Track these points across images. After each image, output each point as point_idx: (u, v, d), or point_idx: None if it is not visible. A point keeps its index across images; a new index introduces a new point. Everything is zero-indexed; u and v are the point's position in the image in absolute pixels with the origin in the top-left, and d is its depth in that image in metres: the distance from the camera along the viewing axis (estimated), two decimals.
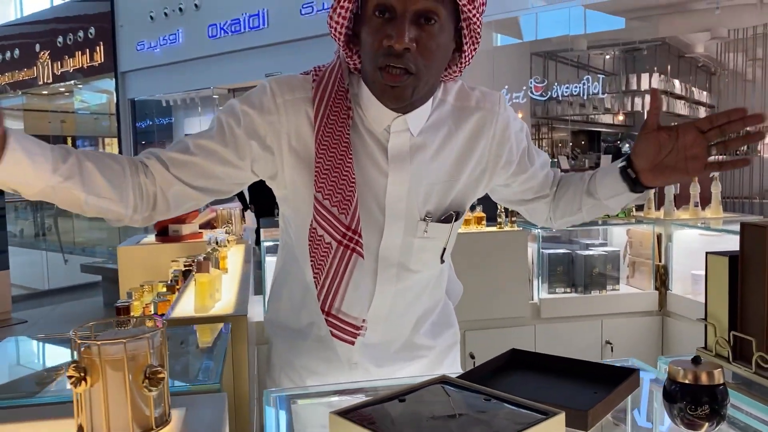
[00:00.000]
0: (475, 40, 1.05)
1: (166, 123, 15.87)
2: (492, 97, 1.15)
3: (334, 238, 1.03)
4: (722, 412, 0.78)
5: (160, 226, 2.82)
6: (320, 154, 1.04)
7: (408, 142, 1.08)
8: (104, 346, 0.76)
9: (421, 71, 0.99)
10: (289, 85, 1.08)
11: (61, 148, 0.96)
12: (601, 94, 11.79)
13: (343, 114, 1.05)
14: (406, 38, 0.94)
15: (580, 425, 0.79)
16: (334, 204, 1.03)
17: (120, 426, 0.78)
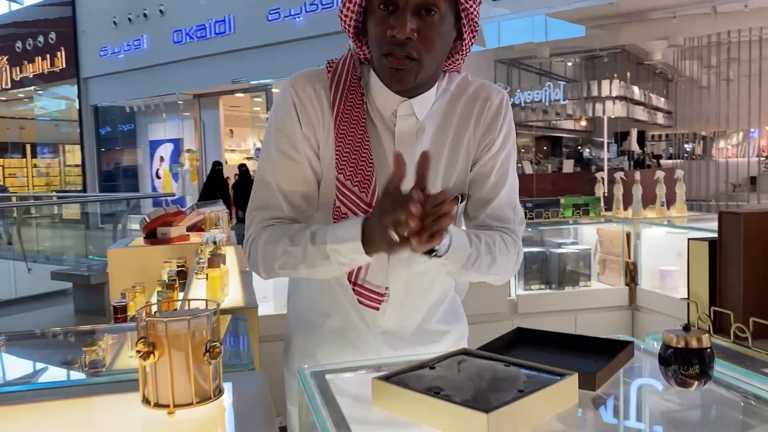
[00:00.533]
0: (473, 29, 1.15)
1: (130, 129, 15.68)
2: (490, 89, 1.23)
3: (357, 215, 1.12)
4: (710, 372, 0.90)
5: (148, 229, 2.87)
6: (339, 138, 1.14)
7: (414, 126, 1.18)
8: (170, 323, 0.85)
9: (423, 58, 1.08)
10: (306, 78, 1.18)
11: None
12: (563, 101, 12.06)
13: (358, 100, 1.16)
14: (407, 28, 1.04)
15: (589, 386, 0.90)
16: (356, 183, 1.13)
17: (183, 396, 0.86)
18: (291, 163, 1.17)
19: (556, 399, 0.84)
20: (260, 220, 1.18)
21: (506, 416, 0.76)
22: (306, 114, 1.16)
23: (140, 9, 13.63)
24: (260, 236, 1.16)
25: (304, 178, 1.18)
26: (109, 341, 1.67)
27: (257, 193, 1.20)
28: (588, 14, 9.85)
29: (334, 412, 0.86)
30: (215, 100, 13.81)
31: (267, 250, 1.14)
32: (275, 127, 1.19)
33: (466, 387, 0.85)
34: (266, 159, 1.20)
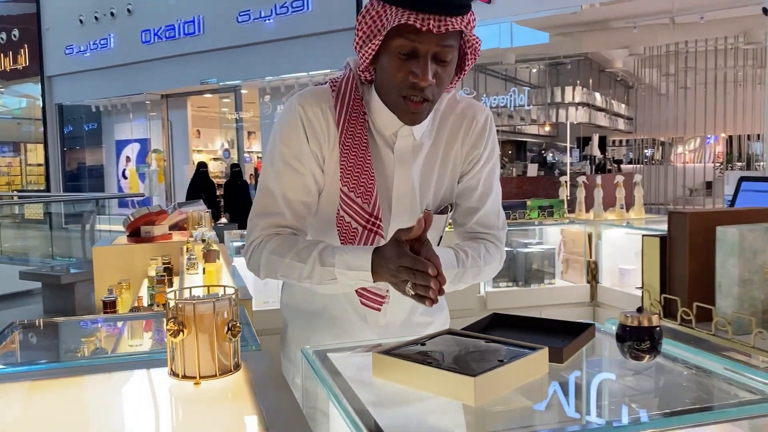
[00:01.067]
0: (475, 57, 1.27)
1: (95, 129, 15.49)
2: (477, 108, 1.38)
3: (360, 224, 1.26)
4: (658, 347, 1.06)
5: (132, 228, 2.95)
6: (344, 153, 1.26)
7: (411, 144, 1.31)
8: (198, 304, 0.97)
9: (435, 97, 1.22)
10: (314, 97, 1.29)
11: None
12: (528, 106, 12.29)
13: (361, 119, 1.28)
14: (429, 77, 1.16)
15: (558, 359, 1.05)
16: (358, 195, 1.25)
17: (207, 369, 0.98)
18: (296, 174, 1.28)
19: (530, 368, 0.99)
20: (264, 227, 1.28)
21: (490, 380, 0.91)
22: (313, 131, 1.27)
23: (107, 8, 13.49)
24: (266, 245, 1.25)
25: (307, 189, 1.29)
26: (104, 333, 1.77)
27: (260, 201, 1.30)
28: (552, 22, 10.12)
29: (339, 381, 0.99)
30: (183, 101, 13.74)
31: (272, 260, 1.25)
32: (282, 141, 1.29)
33: (454, 358, 0.99)
34: (271, 170, 1.30)
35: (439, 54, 1.17)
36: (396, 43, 1.17)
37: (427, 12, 1.13)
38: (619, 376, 1.07)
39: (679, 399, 0.99)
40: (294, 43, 10.55)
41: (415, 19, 1.12)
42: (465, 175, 1.38)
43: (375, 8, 1.19)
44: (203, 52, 12.00)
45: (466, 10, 1.17)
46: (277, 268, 1.25)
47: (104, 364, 1.14)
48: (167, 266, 2.53)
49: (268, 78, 11.39)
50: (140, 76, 13.20)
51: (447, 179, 1.37)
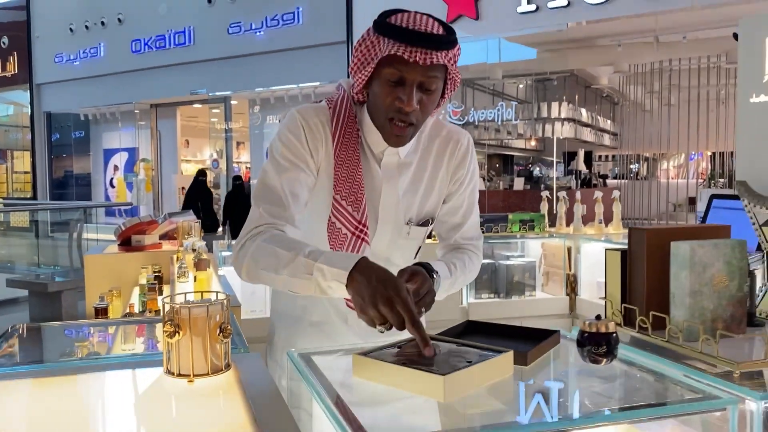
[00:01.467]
0: (455, 87, 1.40)
1: (83, 137, 15.49)
2: (459, 133, 1.52)
3: (349, 230, 1.38)
4: (615, 351, 1.15)
5: (123, 237, 3.02)
6: (338, 165, 1.39)
7: (396, 162, 1.44)
8: (193, 308, 1.06)
9: (419, 122, 1.36)
10: (313, 111, 1.42)
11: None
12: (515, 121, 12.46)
13: (354, 135, 1.41)
14: (414, 103, 1.29)
15: (522, 362, 1.15)
16: (349, 203, 1.38)
17: (200, 368, 1.07)
18: (296, 170, 1.38)
19: (496, 369, 1.08)
20: (262, 220, 1.34)
21: (458, 379, 1.00)
22: (313, 137, 1.39)
23: (98, 17, 13.55)
24: (257, 237, 1.32)
25: (305, 184, 1.39)
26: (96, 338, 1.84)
27: (261, 194, 1.38)
28: (538, 39, 10.28)
29: (323, 381, 1.08)
30: (172, 111, 13.80)
31: (261, 248, 1.28)
32: (283, 143, 1.39)
33: (427, 360, 1.08)
34: (272, 167, 1.39)
35: (424, 83, 1.30)
36: (386, 71, 1.29)
37: (414, 46, 1.25)
38: (579, 378, 1.17)
39: (630, 397, 1.08)
40: (284, 56, 10.67)
41: (403, 51, 1.25)
42: (451, 195, 1.52)
43: (370, 38, 1.32)
44: (193, 62, 12.09)
45: (451, 45, 1.29)
46: (260, 258, 1.28)
47: (101, 364, 1.22)
48: (158, 275, 2.61)
49: (257, 89, 11.49)
50: (130, 85, 13.25)
51: (433, 195, 1.50)
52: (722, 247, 1.25)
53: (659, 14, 8.33)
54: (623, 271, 1.36)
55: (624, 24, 9.35)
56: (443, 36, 1.28)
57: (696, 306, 1.23)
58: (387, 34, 1.28)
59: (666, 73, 12.28)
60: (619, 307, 1.36)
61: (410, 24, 1.27)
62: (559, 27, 9.09)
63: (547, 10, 8.51)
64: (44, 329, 1.67)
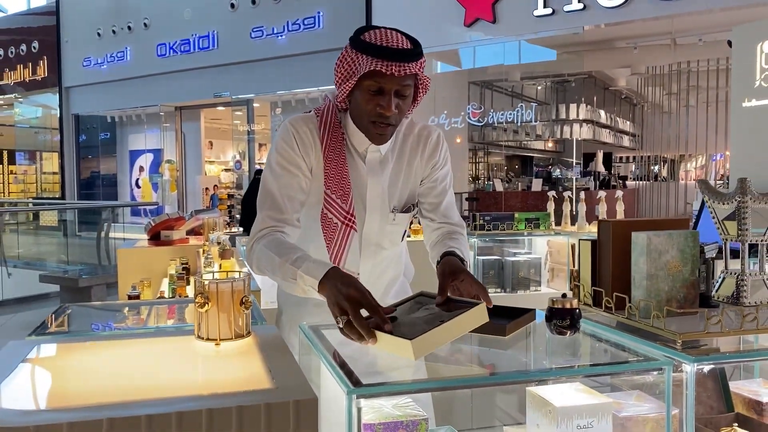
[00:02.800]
0: (425, 90, 1.63)
1: (110, 139, 15.88)
2: (430, 129, 1.75)
3: (339, 220, 1.60)
4: (577, 325, 1.35)
5: (152, 232, 3.26)
6: (327, 163, 1.62)
7: (379, 158, 1.68)
8: (219, 283, 1.27)
9: (397, 122, 1.60)
10: (302, 120, 1.66)
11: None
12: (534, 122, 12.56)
13: (340, 138, 1.64)
14: (393, 109, 1.53)
15: (501, 333, 1.35)
16: (339, 197, 1.61)
17: (225, 334, 1.28)
18: (291, 176, 1.62)
19: (469, 322, 1.27)
20: (266, 221, 1.58)
21: (424, 341, 1.19)
22: (303, 144, 1.63)
23: (124, 21, 13.88)
24: (263, 239, 1.56)
25: (300, 188, 1.63)
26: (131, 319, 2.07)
27: (263, 200, 1.62)
28: (555, 42, 10.39)
29: (327, 345, 1.29)
30: (196, 113, 14.10)
31: (262, 252, 1.54)
32: (278, 152, 1.63)
33: (409, 322, 1.28)
34: (270, 175, 1.63)
35: (399, 90, 1.53)
36: (366, 83, 1.52)
37: (390, 60, 1.48)
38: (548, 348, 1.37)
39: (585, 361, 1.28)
40: (305, 59, 10.90)
41: (381, 65, 1.48)
42: (426, 179, 1.75)
43: (350, 55, 1.55)
44: (217, 66, 12.34)
45: (419, 56, 1.53)
46: (261, 260, 1.54)
47: (143, 331, 1.44)
48: (185, 266, 2.84)
49: (279, 92, 11.74)
50: (155, 88, 13.56)
51: (411, 184, 1.74)
52: (676, 237, 1.43)
53: (675, 16, 8.40)
54: (593, 258, 1.55)
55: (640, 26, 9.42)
56: (412, 49, 1.51)
57: (652, 288, 1.42)
58: (365, 51, 1.50)
59: (684, 74, 12.30)
60: (589, 289, 1.55)
61: (384, 41, 1.50)
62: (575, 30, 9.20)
63: (564, 14, 8.62)
64: (89, 308, 1.90)
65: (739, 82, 3.08)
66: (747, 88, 3.07)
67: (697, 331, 1.29)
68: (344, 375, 1.09)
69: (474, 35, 9.76)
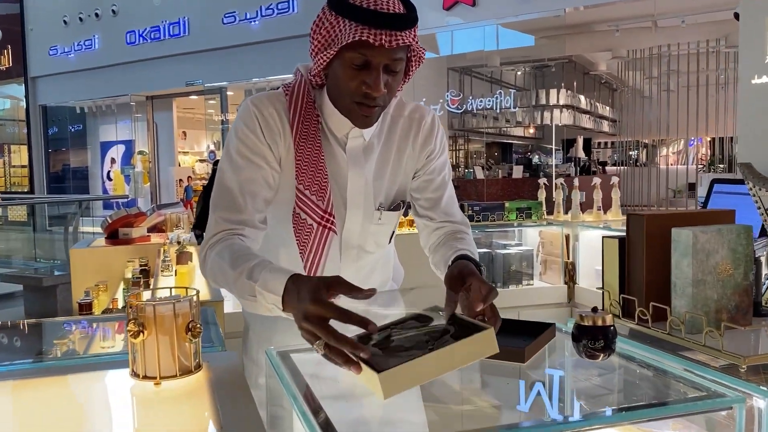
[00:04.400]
0: (419, 62, 1.32)
1: (80, 130, 15.40)
2: (423, 110, 1.44)
3: (315, 220, 1.29)
4: (612, 346, 1.08)
5: (110, 230, 2.95)
6: (299, 153, 1.30)
7: (362, 145, 1.36)
8: (158, 306, 0.99)
9: (386, 103, 1.28)
10: (268, 99, 1.34)
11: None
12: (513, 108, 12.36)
13: (314, 121, 1.32)
14: (381, 87, 1.21)
15: (519, 359, 1.08)
16: (313, 193, 1.30)
17: (167, 369, 1.00)
18: (255, 168, 1.30)
19: (468, 353, 0.95)
20: (221, 225, 1.26)
21: (397, 375, 0.88)
22: (269, 129, 1.31)
23: (92, 9, 13.43)
24: (214, 248, 1.23)
25: (266, 183, 1.31)
26: (78, 335, 1.78)
27: (218, 199, 1.30)
28: (536, 25, 10.18)
29: (299, 381, 1.01)
30: (168, 102, 13.71)
31: (215, 263, 1.21)
32: (239, 139, 1.31)
33: (397, 346, 0.99)
34: (229, 166, 1.31)
35: (389, 65, 1.22)
36: (349, 54, 1.20)
37: (379, 28, 1.17)
38: (576, 375, 1.10)
39: (632, 396, 1.01)
40: (280, 45, 10.56)
41: (368, 35, 1.17)
42: (420, 170, 1.44)
43: (328, 19, 1.23)
44: (189, 53, 11.99)
45: (414, 23, 1.22)
46: (216, 274, 1.21)
47: (65, 366, 1.15)
48: (144, 268, 2.54)
49: (254, 79, 11.39)
50: (125, 77, 13.16)
51: (400, 177, 1.43)
52: (726, 234, 1.17)
53: None
54: (621, 259, 1.29)
55: (622, 9, 9.26)
56: (405, 14, 1.20)
57: (699, 296, 1.16)
58: (347, 15, 1.19)
59: (665, 58, 12.17)
60: (617, 297, 1.29)
61: (372, 3, 1.18)
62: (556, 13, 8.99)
63: None
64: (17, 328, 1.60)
65: (748, 57, 2.84)
66: (756, 63, 2.82)
67: (766, 353, 1.03)
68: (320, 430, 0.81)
69: (453, 20, 9.50)
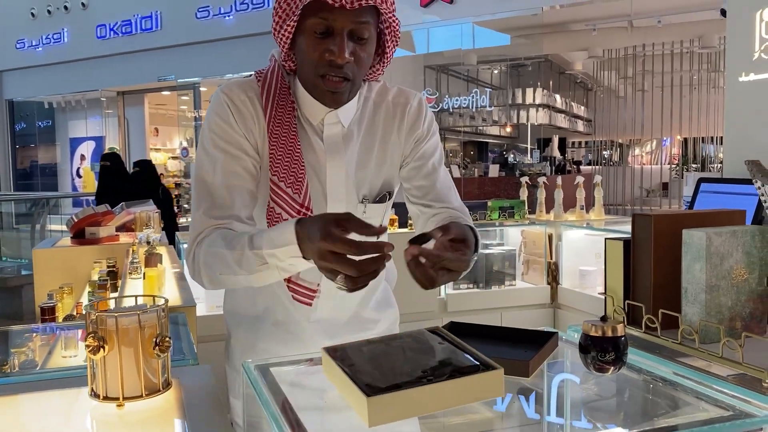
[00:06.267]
0: (395, 41, 1.23)
1: (48, 126, 15.05)
2: (408, 93, 1.33)
3: (290, 215, 1.18)
4: (624, 358, 0.99)
5: (75, 229, 2.80)
6: (272, 143, 1.20)
7: (340, 132, 1.25)
8: (120, 317, 0.87)
9: (356, 77, 1.16)
10: (239, 86, 1.23)
11: None
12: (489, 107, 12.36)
13: (289, 108, 1.22)
14: (346, 54, 1.10)
15: (523, 373, 0.98)
16: (288, 185, 1.18)
17: (132, 389, 0.88)
18: (234, 159, 1.20)
19: (471, 391, 0.84)
20: (204, 224, 1.17)
21: (391, 404, 0.78)
22: (242, 117, 1.21)
23: (60, 1, 13.11)
24: (203, 243, 1.15)
25: (248, 173, 1.21)
26: (38, 342, 1.65)
27: (197, 197, 1.20)
28: (513, 24, 10.17)
29: (280, 401, 0.90)
30: (140, 98, 13.45)
31: (209, 254, 1.13)
32: (212, 130, 1.21)
33: (390, 365, 0.87)
34: (206, 160, 1.21)
35: (355, 31, 1.12)
36: (310, 22, 1.12)
37: None
38: (583, 390, 1.01)
39: (645, 414, 0.92)
40: (254, 40, 10.38)
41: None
42: (408, 156, 1.34)
43: None
44: (161, 48, 11.75)
45: None
46: (214, 264, 1.13)
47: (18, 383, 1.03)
48: (112, 270, 2.40)
49: (227, 75, 11.18)
50: (95, 72, 12.87)
51: (386, 167, 1.32)
52: (741, 236, 1.09)
53: None
54: (626, 262, 1.20)
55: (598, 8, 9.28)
56: None
57: (712, 303, 1.07)
58: None
59: (639, 58, 12.26)
60: (621, 303, 1.20)
61: None
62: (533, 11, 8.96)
63: None
64: None
65: (736, 54, 2.78)
66: (744, 60, 2.78)
67: None
68: None
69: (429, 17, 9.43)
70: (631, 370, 1.04)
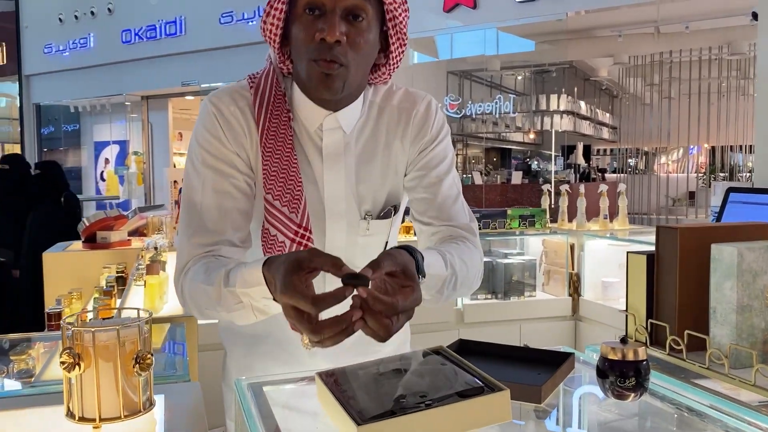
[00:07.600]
0: (402, 41, 1.13)
1: (74, 129, 15.25)
2: (415, 96, 1.22)
3: (287, 237, 1.08)
4: (645, 384, 0.91)
5: (87, 233, 2.78)
6: (266, 157, 1.10)
7: (341, 141, 1.15)
8: (98, 332, 0.81)
9: (350, 63, 1.05)
10: (228, 95, 1.14)
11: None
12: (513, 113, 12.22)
13: (284, 117, 1.12)
14: (337, 31, 1.01)
15: (535, 399, 0.90)
16: (284, 204, 1.09)
17: (110, 409, 0.82)
18: (224, 177, 1.11)
19: (476, 416, 0.78)
20: (191, 253, 1.08)
21: (381, 431, 0.72)
22: (232, 131, 1.12)
23: (87, 7, 13.28)
24: (188, 274, 1.07)
25: (240, 191, 1.12)
26: (41, 350, 1.61)
27: (186, 220, 1.12)
28: (538, 30, 10.07)
29: (269, 425, 0.84)
30: (164, 102, 13.56)
31: (193, 290, 1.05)
32: (201, 146, 1.12)
33: (385, 390, 0.81)
34: (194, 179, 1.12)
35: (349, 9, 1.04)
36: (302, 2, 1.04)
37: None
38: (601, 418, 0.93)
39: None
40: None
41: None
42: (411, 165, 1.22)
43: None
44: (185, 53, 11.84)
45: None
46: (198, 299, 1.04)
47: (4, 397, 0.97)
48: (121, 275, 2.36)
49: None
50: (120, 76, 13.01)
51: (391, 178, 1.21)
52: None
53: (660, 3, 8.12)
54: (649, 278, 1.12)
55: (624, 14, 9.15)
56: None
57: (744, 324, 0.99)
58: None
59: (666, 65, 12.06)
60: (644, 322, 1.11)
61: None
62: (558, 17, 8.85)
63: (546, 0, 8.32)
64: None
65: (767, 60, 2.67)
66: None
67: None
68: None
69: (452, 22, 9.37)
70: (654, 397, 0.95)
